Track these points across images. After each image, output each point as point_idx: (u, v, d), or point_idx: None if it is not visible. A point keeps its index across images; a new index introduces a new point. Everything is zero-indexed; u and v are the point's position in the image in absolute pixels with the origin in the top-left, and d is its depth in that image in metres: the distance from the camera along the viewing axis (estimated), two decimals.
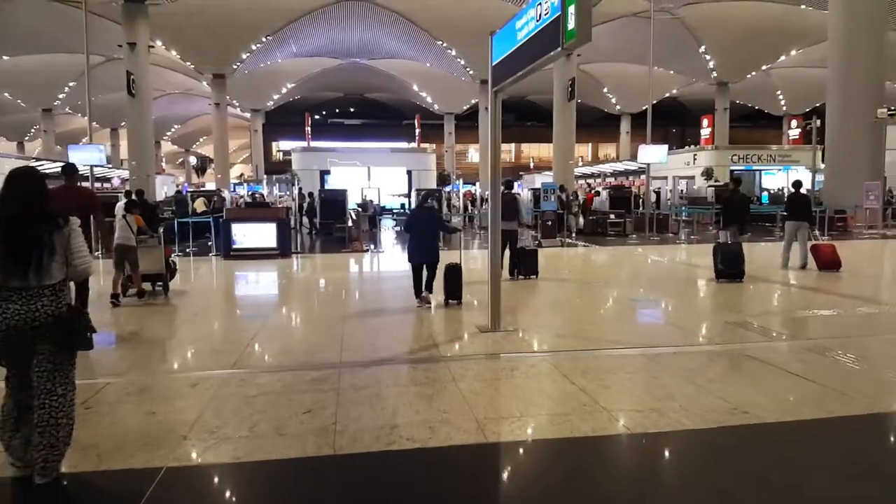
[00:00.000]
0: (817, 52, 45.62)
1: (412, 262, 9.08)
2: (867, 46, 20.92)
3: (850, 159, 20.83)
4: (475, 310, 8.87)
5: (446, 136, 59.90)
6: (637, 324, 8.50)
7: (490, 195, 7.73)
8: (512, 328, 7.62)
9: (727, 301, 10.04)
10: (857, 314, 8.65)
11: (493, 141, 7.59)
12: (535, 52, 6.04)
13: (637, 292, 10.97)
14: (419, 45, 46.67)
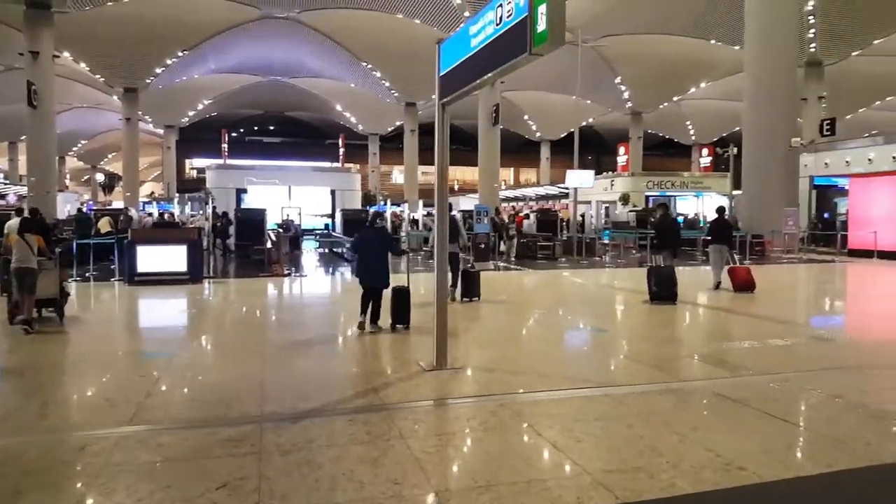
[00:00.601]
0: (724, 85, 47.69)
1: (363, 285, 8.60)
2: (781, 79, 21.56)
3: (765, 186, 21.33)
4: (421, 336, 8.13)
5: (370, 157, 58.96)
6: (591, 356, 7.82)
7: (436, 216, 6.88)
8: (460, 365, 6.76)
9: (673, 328, 9.63)
10: (808, 342, 8.31)
11: (439, 157, 6.79)
12: (495, 59, 5.28)
13: (581, 318, 10.55)
14: (343, 66, 45.80)
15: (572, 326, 9.75)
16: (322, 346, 8.19)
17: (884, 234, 19.08)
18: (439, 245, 6.79)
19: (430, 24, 35.74)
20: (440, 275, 6.81)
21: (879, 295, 14.38)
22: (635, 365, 7.17)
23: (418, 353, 7.36)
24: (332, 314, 11.23)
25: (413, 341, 8.18)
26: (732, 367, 6.94)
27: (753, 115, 22.16)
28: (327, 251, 24.45)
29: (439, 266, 6.82)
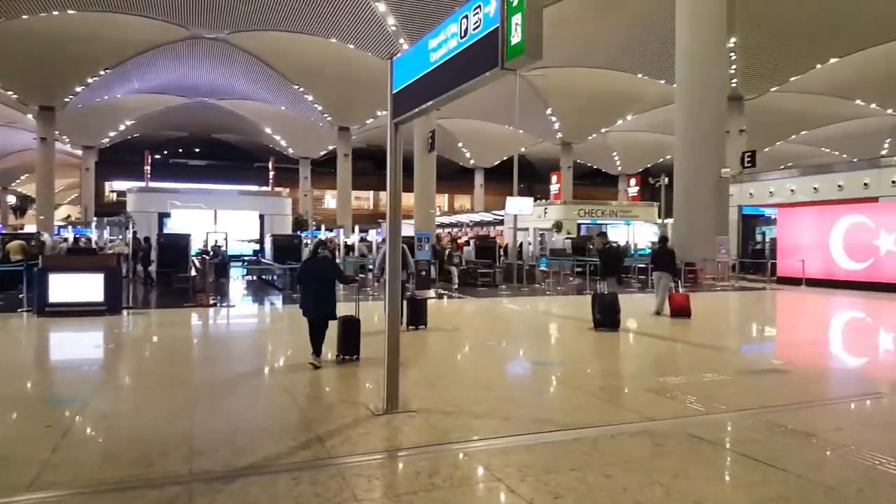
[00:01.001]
0: (649, 117, 49.20)
1: (308, 316, 8.21)
2: (710, 112, 22.11)
3: (696, 215, 21.73)
4: (369, 369, 7.78)
5: (301, 181, 57.78)
6: (551, 392, 7.35)
7: (389, 242, 6.31)
8: (414, 407, 6.15)
9: (626, 359, 9.32)
10: (762, 373, 8.13)
11: (392, 180, 6.25)
12: (460, 74, 4.80)
13: (533, 349, 10.16)
14: (274, 88, 44.82)
15: (526, 359, 9.27)
16: (257, 386, 7.43)
17: (811, 262, 19.57)
18: (391, 273, 6.22)
19: (364, 49, 35.37)
20: (393, 307, 6.23)
21: (818, 322, 14.48)
22: (598, 402, 6.73)
23: (365, 391, 6.73)
24: (266, 349, 10.43)
25: (360, 376, 7.58)
26: (697, 401, 6.60)
27: (684, 147, 22.63)
28: (256, 279, 23.38)
29: (391, 297, 6.24)
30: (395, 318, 6.25)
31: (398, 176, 6.22)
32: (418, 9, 29.87)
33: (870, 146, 47.36)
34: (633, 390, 7.28)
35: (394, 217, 6.25)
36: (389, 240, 6.24)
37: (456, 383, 7.56)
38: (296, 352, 9.36)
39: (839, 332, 13.24)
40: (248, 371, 8.21)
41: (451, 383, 7.52)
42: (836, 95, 37.82)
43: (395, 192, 6.22)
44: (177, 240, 21.00)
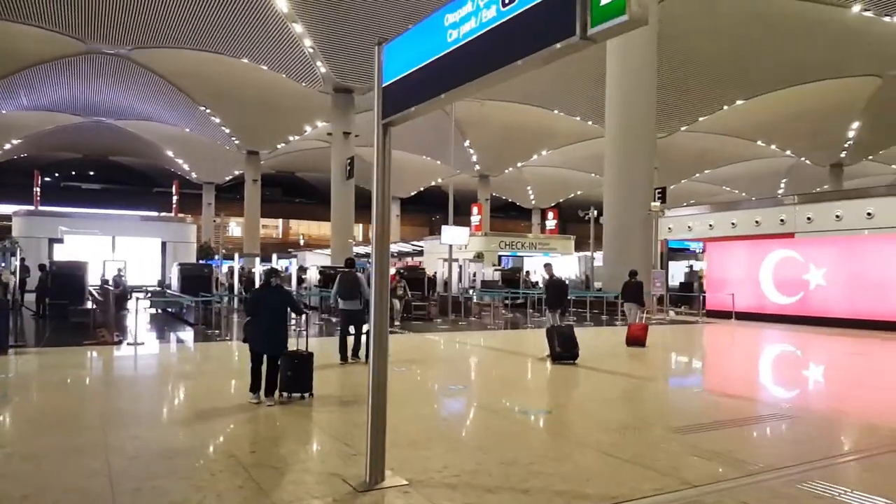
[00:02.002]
0: (562, 154, 50.01)
1: (254, 350, 7.57)
2: (640, 147, 22.12)
3: (626, 249, 21.55)
4: (329, 410, 7.28)
5: (205, 207, 54.75)
6: (561, 452, 5.99)
7: (373, 266, 4.99)
8: (405, 479, 4.85)
9: (615, 402, 8.33)
10: (775, 419, 7.34)
11: (379, 193, 4.99)
12: (503, 51, 3.66)
13: (507, 392, 8.95)
14: (179, 110, 42.26)
15: (508, 406, 7.93)
16: (190, 451, 5.85)
17: (741, 296, 19.59)
18: (378, 300, 4.94)
19: (278, 70, 33.80)
20: (379, 346, 4.93)
21: (795, 362, 13.78)
22: (620, 462, 5.55)
23: (334, 450, 5.37)
24: (190, 396, 8.74)
25: (321, 423, 6.21)
26: (724, 458, 5.66)
27: (614, 182, 22.51)
28: (160, 312, 21.08)
29: (378, 334, 4.95)
30: (381, 361, 4.96)
31: (386, 188, 4.99)
32: (336, 30, 28.74)
33: (768, 186, 50.02)
34: (649, 445, 6.24)
35: (380, 235, 4.99)
36: (375, 265, 4.96)
37: (442, 442, 6.23)
38: (229, 397, 7.87)
39: (825, 373, 12.29)
40: (174, 428, 6.62)
41: (436, 442, 6.20)
42: (740, 136, 39.64)
43: (383, 208, 4.98)
44: (72, 268, 18.63)
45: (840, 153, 41.82)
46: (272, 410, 7.22)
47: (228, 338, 14.28)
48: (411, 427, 6.62)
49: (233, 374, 9.76)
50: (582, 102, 37.94)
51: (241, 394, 7.75)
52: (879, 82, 31.93)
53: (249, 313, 7.92)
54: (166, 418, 7.34)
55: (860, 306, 17.28)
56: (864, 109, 34.30)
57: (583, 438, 6.51)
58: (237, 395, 7.78)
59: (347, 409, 7.48)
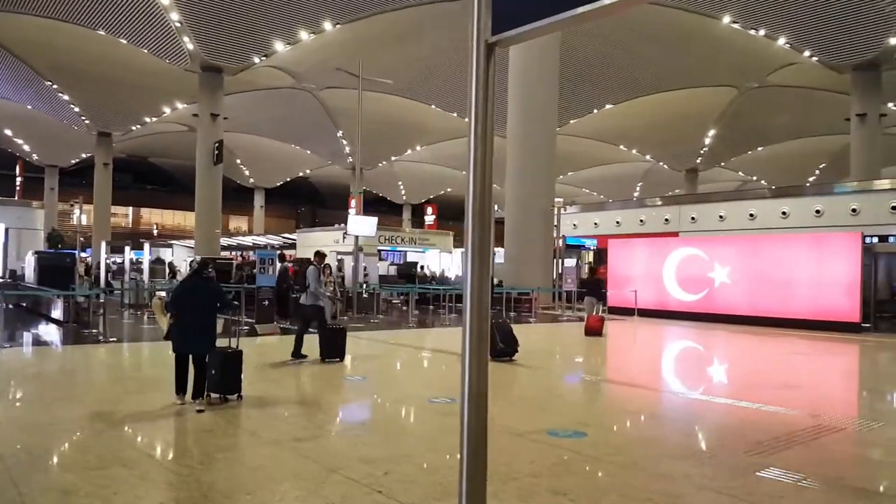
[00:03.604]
0: (433, 150, 49.89)
1: (178, 351, 6.83)
2: (541, 141, 21.95)
3: (527, 245, 21.40)
4: (269, 415, 6.42)
5: (47, 192, 48.95)
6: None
7: (471, 243, 3.05)
8: None
9: (625, 409, 7.86)
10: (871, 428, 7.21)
11: (479, 133, 3.11)
12: None
13: (501, 405, 7.96)
14: (19, 83, 37.27)
15: (521, 426, 6.29)
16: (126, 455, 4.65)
17: (643, 293, 19.27)
18: (474, 294, 3.02)
19: (138, 45, 30.64)
20: (476, 348, 3.07)
21: (755, 356, 13.21)
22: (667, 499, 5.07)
23: (271, 443, 4.46)
24: (108, 401, 7.21)
25: (254, 422, 5.22)
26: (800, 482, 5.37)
27: (515, 178, 22.23)
28: (11, 307, 18.14)
29: (476, 333, 3.05)
30: (480, 356, 3.84)
31: (489, 126, 3.07)
32: (207, 3, 26.55)
33: (624, 189, 52.80)
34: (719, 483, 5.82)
35: (482, 194, 3.00)
36: (473, 228, 2.98)
37: (444, 458, 5.48)
38: (151, 402, 6.58)
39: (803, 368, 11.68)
40: (79, 450, 5.32)
41: (432, 451, 5.45)
42: (604, 140, 41.39)
43: (484, 156, 3.03)
44: None
45: (696, 159, 44.24)
46: (206, 409, 6.54)
47: (115, 339, 12.34)
48: (416, 447, 5.79)
49: (138, 380, 8.34)
50: (459, 99, 37.92)
51: (163, 398, 6.53)
52: (735, 93, 34.08)
53: (174, 308, 6.98)
54: (59, 440, 5.93)
55: (762, 304, 17.38)
56: (719, 119, 36.66)
57: (641, 481, 6.00)
58: (160, 399, 6.52)
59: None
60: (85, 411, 6.48)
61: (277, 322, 13.80)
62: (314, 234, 41.83)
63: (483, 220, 3.01)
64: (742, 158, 46.10)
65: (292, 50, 31.05)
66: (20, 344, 12.23)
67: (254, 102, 39.15)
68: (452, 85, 36.11)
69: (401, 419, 6.79)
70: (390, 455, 5.11)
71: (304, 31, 29.33)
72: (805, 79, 30.07)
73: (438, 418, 6.55)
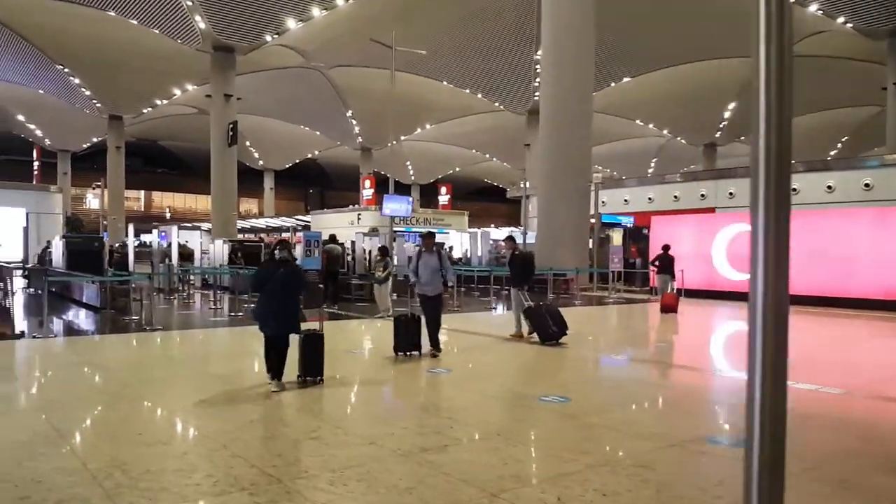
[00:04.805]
0: (440, 129, 48.68)
1: (264, 332, 6.70)
2: (577, 113, 20.55)
3: (560, 224, 20.11)
4: (366, 413, 6.06)
5: (60, 177, 47.93)
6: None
7: (761, 223, 2.06)
8: None
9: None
10: None
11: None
12: None
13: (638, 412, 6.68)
14: (30, 68, 36.12)
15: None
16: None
17: (689, 272, 17.47)
18: (769, 290, 2.00)
19: (150, 25, 29.54)
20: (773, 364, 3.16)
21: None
22: None
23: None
24: (188, 398, 6.38)
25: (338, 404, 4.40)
26: None
27: (549, 154, 20.84)
28: (37, 294, 17.23)
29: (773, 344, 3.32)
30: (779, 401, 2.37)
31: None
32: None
33: (638, 165, 51.50)
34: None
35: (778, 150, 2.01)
36: (767, 202, 2.01)
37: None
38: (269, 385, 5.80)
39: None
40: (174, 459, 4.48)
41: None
42: (620, 115, 40.03)
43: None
44: None
45: (715, 133, 42.48)
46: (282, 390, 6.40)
47: (161, 326, 11.49)
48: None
49: (214, 367, 7.51)
50: (470, 74, 36.78)
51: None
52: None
53: (256, 290, 7.06)
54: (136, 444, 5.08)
55: (821, 283, 15.84)
56: (741, 91, 34.96)
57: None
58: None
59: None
60: (186, 402, 5.72)
61: (327, 306, 12.90)
62: (328, 215, 40.92)
63: (780, 192, 2.17)
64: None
65: (303, 28, 29.94)
66: (66, 332, 11.42)
67: (262, 83, 38.02)
68: (464, 61, 34.91)
69: (527, 423, 5.71)
70: (546, 472, 4.27)
71: (316, 7, 28.16)
72: (832, 47, 28.86)
73: (566, 423, 5.63)
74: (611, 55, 31.65)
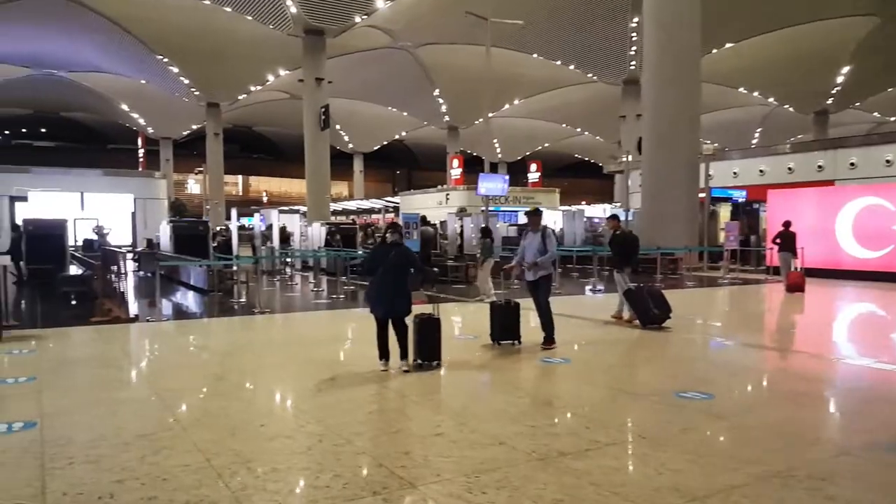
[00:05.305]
0: (530, 104, 47.46)
1: (376, 315, 6.64)
2: (683, 79, 19.20)
3: (667, 199, 18.87)
4: (490, 405, 5.61)
5: (162, 164, 50.28)
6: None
7: None
8: None
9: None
10: None
11: None
12: None
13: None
14: (133, 59, 37.73)
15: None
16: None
17: (809, 249, 15.79)
18: None
19: (242, 12, 30.13)
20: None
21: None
22: None
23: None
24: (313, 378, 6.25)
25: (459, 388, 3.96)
26: None
27: (654, 123, 19.68)
28: (147, 276, 17.97)
29: None
30: None
31: None
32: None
33: (740, 136, 48.32)
34: None
35: None
36: None
37: None
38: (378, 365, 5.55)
39: None
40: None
41: None
42: (722, 83, 37.49)
43: None
44: (49, 228, 15.52)
45: (826, 100, 38.80)
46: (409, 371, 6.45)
47: (268, 310, 11.62)
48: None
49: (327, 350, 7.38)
50: (566, 46, 35.41)
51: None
52: (876, 22, 29.49)
53: (369, 273, 6.87)
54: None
55: None
56: (855, 53, 32.04)
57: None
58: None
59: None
60: (303, 390, 5.52)
61: (423, 289, 12.64)
62: (416, 196, 40.94)
63: None
64: (878, 98, 40.78)
65: (391, 7, 29.68)
66: (177, 316, 11.74)
67: (350, 66, 38.20)
68: (556, 30, 33.61)
69: (673, 425, 4.92)
70: (710, 485, 3.72)
71: None
72: None
73: (715, 424, 4.97)
74: (710, 21, 29.59)
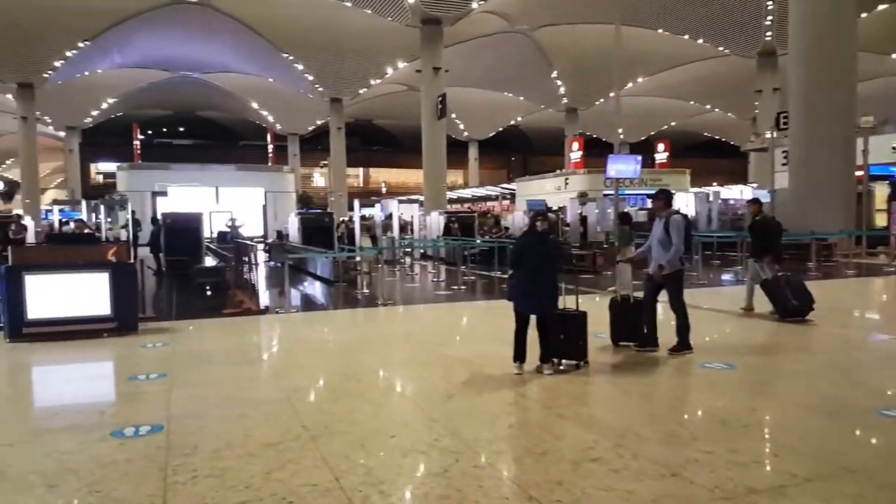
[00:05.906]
0: (655, 82, 44.92)
1: (518, 311, 6.01)
2: (837, 44, 17.19)
3: (819, 178, 16.95)
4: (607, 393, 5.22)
5: (290, 158, 52.48)
6: None
7: None
8: None
9: None
10: None
11: None
12: None
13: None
14: (261, 58, 39.45)
15: None
16: None
17: None
18: None
19: (361, 6, 30.41)
20: None
21: None
22: None
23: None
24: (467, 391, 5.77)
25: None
26: None
27: (803, 95, 17.82)
28: (278, 266, 18.44)
29: None
30: None
31: None
32: None
33: (889, 107, 43.36)
34: None
35: None
36: None
37: None
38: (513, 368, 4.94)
39: None
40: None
41: None
42: (872, 50, 33.52)
43: None
44: (186, 221, 16.23)
45: None
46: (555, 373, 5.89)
47: (391, 301, 11.43)
48: None
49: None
50: (694, 18, 33.08)
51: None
52: None
53: (513, 266, 6.30)
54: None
55: None
56: None
57: None
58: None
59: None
60: (434, 394, 5.08)
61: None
62: (533, 182, 39.98)
63: None
64: None
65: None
66: (304, 307, 11.78)
67: (464, 53, 37.72)
68: (683, 3, 31.49)
69: (887, 453, 4.06)
70: None
71: None
72: None
73: None
74: None
